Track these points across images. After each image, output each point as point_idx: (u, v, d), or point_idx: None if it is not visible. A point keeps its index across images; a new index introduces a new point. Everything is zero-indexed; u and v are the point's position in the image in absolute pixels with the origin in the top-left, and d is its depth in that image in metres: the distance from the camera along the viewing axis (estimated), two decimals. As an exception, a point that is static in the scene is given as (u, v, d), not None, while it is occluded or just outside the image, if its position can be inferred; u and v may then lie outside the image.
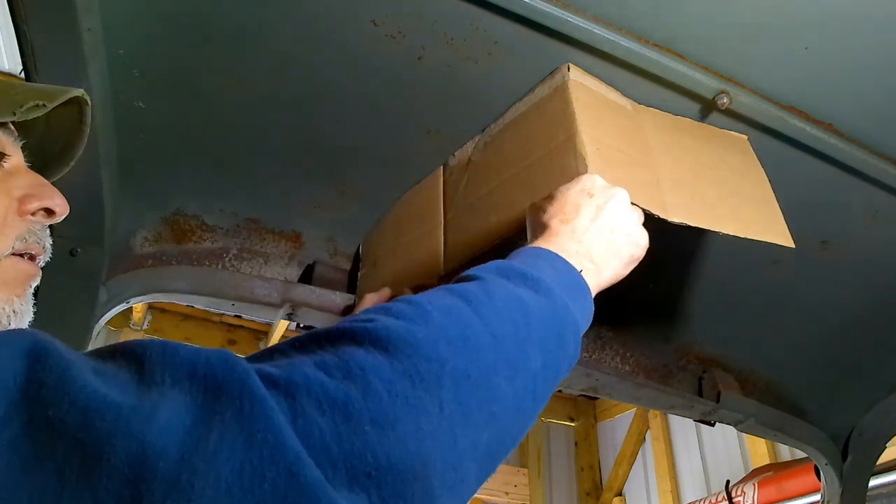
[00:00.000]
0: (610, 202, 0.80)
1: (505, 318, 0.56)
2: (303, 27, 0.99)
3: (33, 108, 0.65)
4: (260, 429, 0.39)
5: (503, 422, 0.51)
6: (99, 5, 0.87)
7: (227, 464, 0.37)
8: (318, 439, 0.41)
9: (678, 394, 1.57)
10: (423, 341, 0.49)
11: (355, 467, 0.41)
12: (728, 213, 0.99)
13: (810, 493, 3.49)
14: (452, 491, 0.46)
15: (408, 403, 0.44)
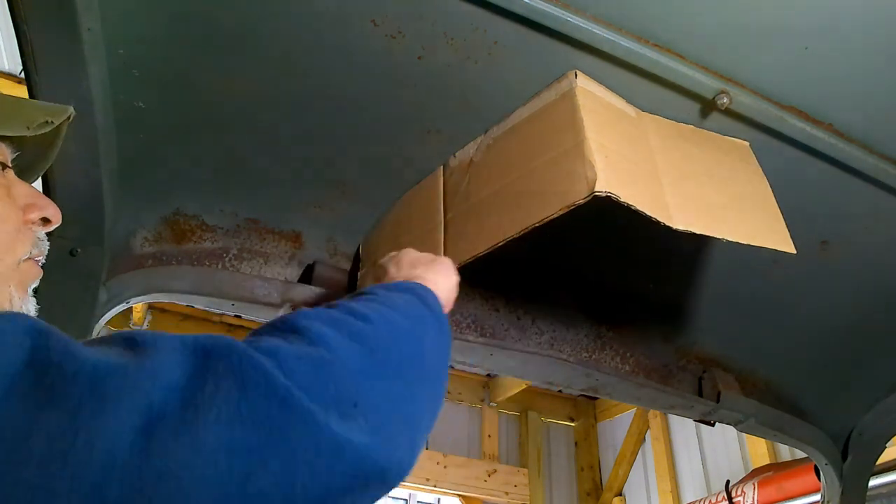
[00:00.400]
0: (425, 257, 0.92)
1: (399, 305, 0.70)
2: (303, 27, 0.99)
3: (43, 125, 0.71)
4: (250, 373, 0.45)
5: (427, 370, 0.65)
6: (99, 5, 0.87)
7: (225, 403, 0.43)
8: (303, 381, 0.48)
9: (678, 394, 1.57)
10: (361, 325, 0.61)
11: (342, 402, 0.50)
12: (731, 219, 1.00)
13: (810, 493, 3.49)
14: (417, 425, 0.58)
15: (364, 358, 0.56)
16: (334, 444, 0.47)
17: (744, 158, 1.11)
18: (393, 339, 0.62)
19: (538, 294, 1.50)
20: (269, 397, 0.45)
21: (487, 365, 1.47)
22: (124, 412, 0.40)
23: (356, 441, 0.48)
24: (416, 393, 0.60)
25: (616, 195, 0.87)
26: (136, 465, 0.39)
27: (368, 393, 0.53)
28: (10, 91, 3.46)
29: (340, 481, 0.47)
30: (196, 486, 0.40)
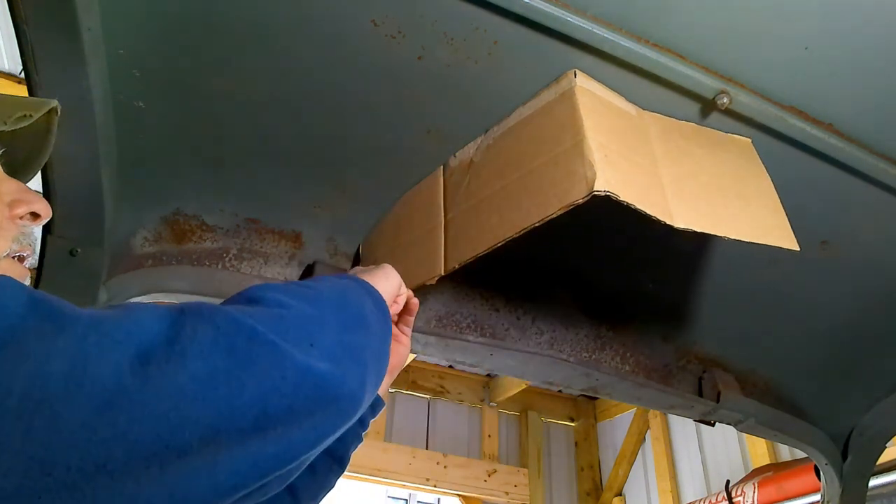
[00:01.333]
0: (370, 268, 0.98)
1: (335, 282, 0.78)
2: (303, 27, 0.99)
3: (21, 119, 0.71)
4: (221, 319, 0.54)
5: (369, 329, 0.72)
6: (99, 5, 0.87)
7: (204, 338, 0.51)
8: (266, 325, 0.56)
9: (678, 394, 1.57)
10: (304, 289, 0.69)
11: (301, 342, 0.58)
12: (733, 217, 0.99)
13: (810, 493, 3.49)
14: (365, 365, 0.66)
15: (315, 311, 0.64)
16: (298, 369, 0.55)
17: (746, 155, 1.11)
18: (338, 303, 0.70)
19: (538, 294, 1.50)
20: (238, 333, 0.53)
21: (487, 365, 1.47)
22: (121, 345, 0.47)
23: (316, 367, 0.57)
24: (362, 344, 0.68)
25: (615, 194, 0.87)
26: (139, 387, 0.46)
27: (322, 337, 0.61)
28: (10, 91, 3.46)
29: (304, 403, 0.55)
30: (188, 406, 0.48)
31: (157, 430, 0.46)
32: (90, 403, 0.44)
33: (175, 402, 0.47)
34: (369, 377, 0.67)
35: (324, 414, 0.57)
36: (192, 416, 0.48)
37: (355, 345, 0.66)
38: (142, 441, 0.45)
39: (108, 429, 0.44)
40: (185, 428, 0.47)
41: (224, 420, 0.49)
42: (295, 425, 0.54)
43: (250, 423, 0.51)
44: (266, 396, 0.52)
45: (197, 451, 0.48)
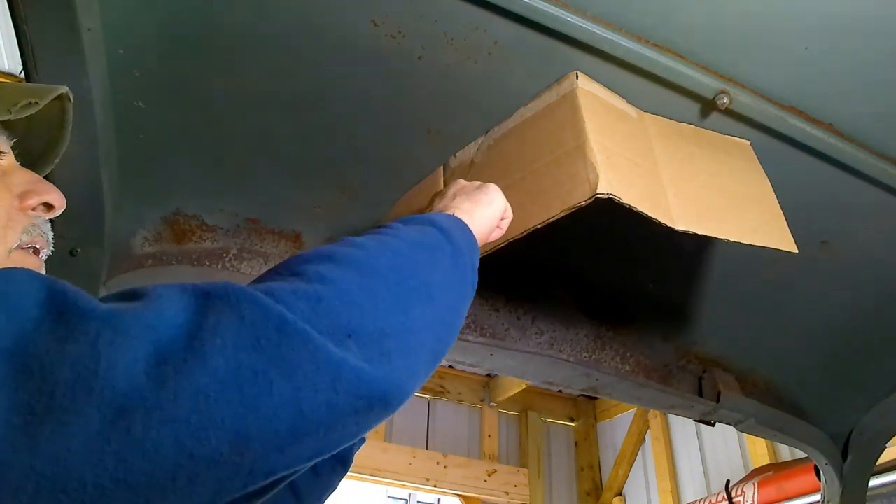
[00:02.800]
0: (472, 185, 0.92)
1: (410, 235, 0.72)
2: (303, 27, 0.99)
3: (27, 106, 0.68)
4: (247, 306, 0.48)
5: (435, 301, 0.65)
6: (99, 5, 0.87)
7: (227, 331, 0.46)
8: (298, 312, 0.51)
9: (678, 394, 1.57)
10: (357, 251, 0.63)
11: (337, 332, 0.52)
12: (732, 219, 1.00)
13: (810, 493, 3.49)
14: (416, 352, 0.59)
15: (361, 287, 0.57)
16: (333, 363, 0.49)
17: (745, 158, 1.11)
18: (398, 271, 0.63)
19: (538, 294, 1.50)
20: (266, 324, 0.48)
21: (487, 365, 1.47)
22: (137, 343, 0.43)
23: (351, 363, 0.51)
24: (416, 322, 0.60)
25: (618, 197, 0.87)
26: (154, 391, 0.42)
27: (364, 324, 0.54)
28: (10, 91, 3.45)
29: (345, 401, 0.49)
30: (211, 409, 0.43)
31: (177, 436, 0.42)
32: (101, 411, 0.40)
33: (196, 406, 0.43)
34: (421, 365, 0.60)
35: (367, 412, 0.52)
36: (217, 419, 0.43)
37: (406, 328, 0.59)
38: (162, 450, 0.41)
39: (122, 438, 0.40)
40: (209, 433, 0.43)
41: (254, 423, 0.44)
42: (336, 425, 0.50)
43: (286, 425, 0.46)
44: (299, 395, 0.47)
45: (228, 458, 0.43)
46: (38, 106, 0.69)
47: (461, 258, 0.74)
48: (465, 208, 0.85)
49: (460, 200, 0.87)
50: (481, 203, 0.87)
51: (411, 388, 0.58)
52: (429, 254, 0.69)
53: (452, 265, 0.71)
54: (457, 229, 0.78)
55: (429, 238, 0.72)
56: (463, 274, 0.73)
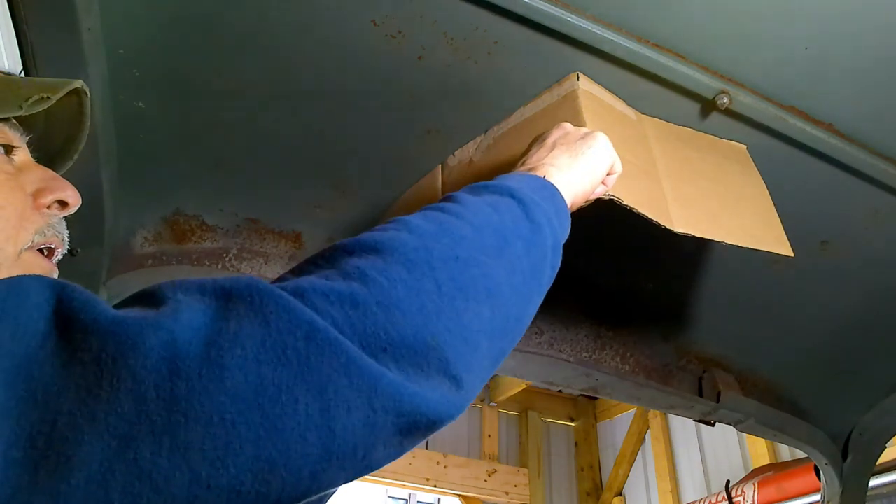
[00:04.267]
0: (576, 132, 0.84)
1: (479, 212, 0.62)
2: (303, 27, 0.99)
3: (39, 101, 0.66)
4: (273, 310, 0.42)
5: (500, 297, 0.56)
6: (99, 5, 0.87)
7: (250, 340, 0.41)
8: (331, 321, 0.44)
9: (678, 394, 1.57)
10: (409, 238, 0.55)
11: (371, 345, 0.45)
12: (729, 222, 1.00)
13: (810, 493, 3.49)
14: (468, 361, 0.50)
15: (407, 286, 0.49)
16: (368, 378, 0.43)
17: (741, 162, 1.12)
18: (449, 259, 0.53)
19: (538, 294, 1.50)
20: (293, 331, 0.42)
21: (487, 365, 1.47)
22: (146, 357, 0.39)
23: (391, 377, 0.44)
24: (471, 325, 0.51)
25: (619, 198, 0.87)
26: (163, 413, 0.37)
27: (404, 333, 0.47)
28: (10, 91, 3.45)
29: (384, 420, 0.43)
30: (228, 433, 0.38)
31: (191, 465, 0.37)
32: (104, 440, 0.36)
33: (211, 430, 0.38)
34: (475, 375, 0.52)
35: (405, 434, 0.46)
36: (235, 444, 0.38)
37: (459, 335, 0.50)
38: (174, 482, 0.36)
39: (129, 469, 0.36)
40: (227, 461, 0.38)
41: (280, 447, 0.39)
42: (376, 444, 0.44)
43: (317, 448, 0.40)
44: (330, 414, 0.41)
45: (251, 488, 0.38)
46: (50, 101, 0.67)
47: (540, 238, 0.64)
48: (563, 163, 0.77)
49: (559, 153, 0.78)
50: (583, 157, 0.78)
51: (463, 403, 0.50)
52: (499, 238, 0.59)
53: (527, 249, 0.62)
54: (543, 198, 0.69)
55: (502, 215, 0.62)
56: (541, 257, 0.64)
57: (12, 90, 0.67)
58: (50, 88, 0.67)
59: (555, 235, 0.68)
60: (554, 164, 0.77)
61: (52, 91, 0.67)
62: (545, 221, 0.66)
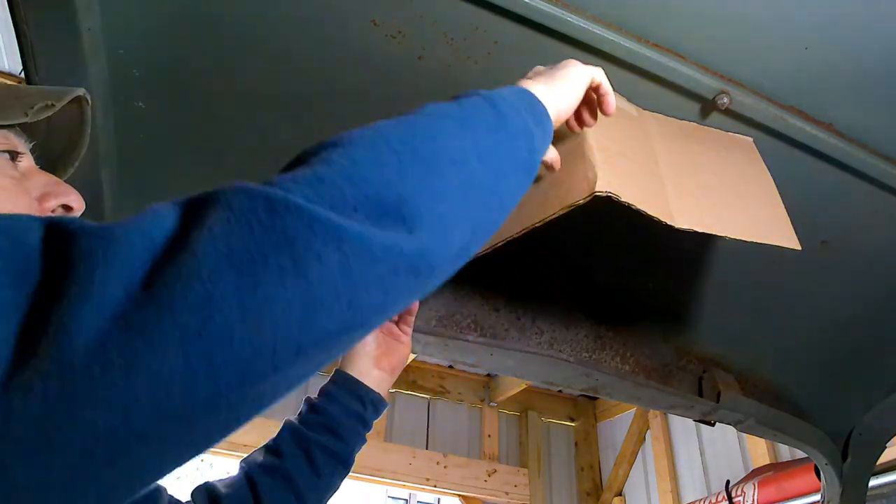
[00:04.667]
0: (547, 67, 0.85)
1: (438, 106, 0.65)
2: (303, 27, 0.99)
3: (44, 109, 0.68)
4: (235, 198, 0.44)
5: (466, 164, 0.58)
6: (99, 5, 0.87)
7: (217, 224, 0.42)
8: (300, 196, 0.45)
9: (678, 394, 1.57)
10: (367, 130, 0.56)
11: (340, 207, 0.46)
12: (734, 216, 0.99)
13: (810, 493, 3.49)
14: (438, 214, 0.52)
15: (368, 160, 0.51)
16: (334, 230, 0.44)
17: (747, 154, 1.11)
18: (408, 139, 0.56)
19: (538, 294, 1.50)
20: (255, 207, 0.43)
21: (487, 365, 1.47)
22: (131, 244, 0.40)
23: (358, 228, 0.46)
24: (439, 188, 0.54)
25: (617, 195, 0.86)
26: (148, 286, 0.39)
27: (371, 194, 0.48)
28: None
29: (359, 265, 0.44)
30: (208, 288, 0.39)
31: (176, 319, 0.38)
32: (98, 317, 0.37)
33: (191, 292, 0.39)
34: (455, 230, 0.54)
35: (387, 278, 0.46)
36: (218, 299, 0.39)
37: (428, 194, 0.52)
38: (169, 357, 0.37)
39: (123, 334, 0.37)
40: (214, 316, 0.39)
41: (262, 297, 0.40)
42: (356, 290, 0.44)
43: (298, 294, 0.41)
44: (302, 269, 0.42)
45: (245, 343, 0.39)
46: (54, 108, 0.69)
47: (506, 122, 0.65)
48: (539, 82, 0.78)
49: (537, 79, 0.79)
50: (559, 78, 0.80)
51: (443, 252, 0.51)
52: (457, 122, 0.62)
53: (490, 129, 0.63)
54: (514, 96, 0.69)
55: (464, 106, 0.64)
56: (508, 140, 0.64)
57: (18, 98, 0.69)
58: (54, 96, 0.70)
59: (528, 125, 0.68)
60: (528, 84, 0.77)
61: (57, 99, 0.69)
62: (514, 112, 0.67)
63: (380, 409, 1.10)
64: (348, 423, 1.04)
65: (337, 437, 1.02)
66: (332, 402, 1.05)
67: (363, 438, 1.07)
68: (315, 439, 1.01)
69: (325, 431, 1.02)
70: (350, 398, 1.06)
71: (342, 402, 1.05)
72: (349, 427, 1.04)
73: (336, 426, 1.03)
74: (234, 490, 0.97)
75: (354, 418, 1.05)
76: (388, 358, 1.12)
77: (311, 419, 1.04)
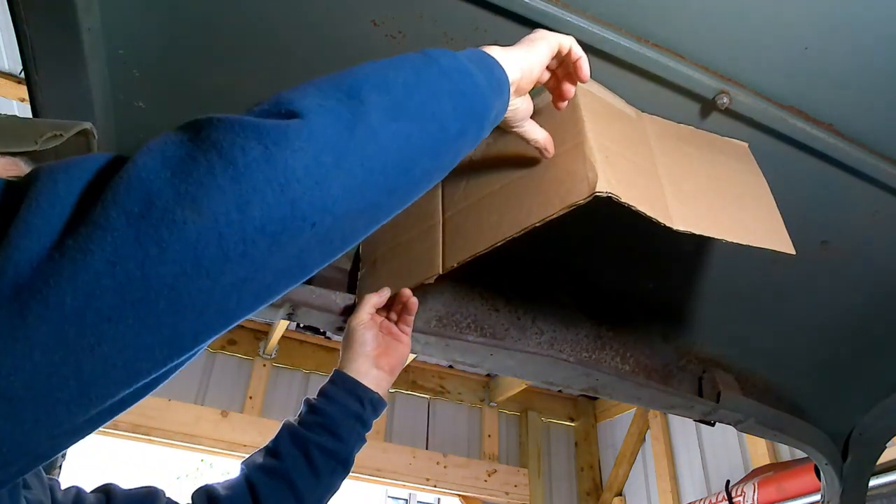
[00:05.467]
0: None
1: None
2: (303, 27, 0.99)
3: (52, 138, 0.73)
4: (170, 131, 0.49)
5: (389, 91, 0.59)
6: (99, 5, 0.87)
7: (155, 143, 0.47)
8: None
9: (678, 394, 1.57)
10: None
11: (260, 115, 0.53)
12: (730, 220, 1.00)
13: (810, 493, 3.49)
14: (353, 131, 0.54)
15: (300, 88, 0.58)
16: (263, 128, 0.49)
17: (743, 159, 1.12)
18: (338, 75, 0.60)
19: (538, 294, 1.50)
20: (188, 125, 0.49)
21: (487, 365, 1.47)
22: (120, 192, 0.43)
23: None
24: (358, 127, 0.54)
25: (617, 196, 0.87)
26: (83, 204, 0.42)
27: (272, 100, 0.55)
28: (10, 91, 3.46)
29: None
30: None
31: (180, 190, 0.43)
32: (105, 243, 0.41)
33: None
34: (357, 171, 0.53)
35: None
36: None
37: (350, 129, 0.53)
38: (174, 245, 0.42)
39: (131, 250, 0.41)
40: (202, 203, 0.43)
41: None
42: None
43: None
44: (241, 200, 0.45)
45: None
46: (62, 138, 0.74)
47: (437, 61, 0.63)
48: (497, 48, 0.75)
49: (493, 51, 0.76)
50: (520, 42, 0.79)
51: (336, 201, 0.50)
52: (386, 64, 0.62)
53: (419, 67, 0.62)
54: (459, 54, 0.67)
55: (394, 58, 0.64)
56: (441, 74, 0.62)
57: (29, 128, 0.75)
58: (62, 127, 0.75)
59: (464, 69, 0.65)
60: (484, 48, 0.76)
61: (65, 130, 0.75)
62: (446, 58, 0.65)
63: (379, 409, 1.10)
64: (347, 423, 1.04)
65: (336, 438, 1.02)
66: (330, 403, 1.05)
67: (363, 438, 1.07)
68: (314, 440, 1.01)
69: (324, 432, 1.02)
70: (349, 398, 1.06)
71: (341, 402, 1.05)
72: (348, 427, 1.04)
73: (335, 426, 1.03)
74: (233, 492, 0.97)
75: (353, 418, 1.05)
76: (388, 358, 1.13)
77: (309, 420, 1.04)
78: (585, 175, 0.89)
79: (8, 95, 3.47)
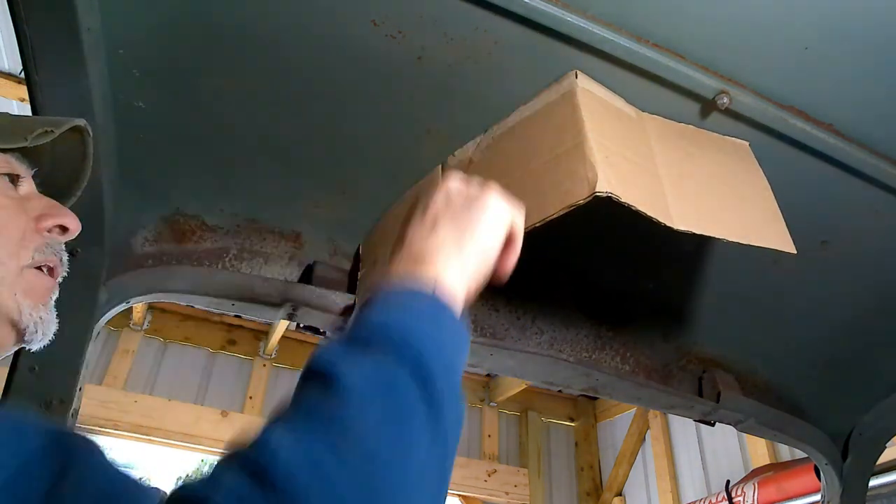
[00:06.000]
0: (459, 197, 0.73)
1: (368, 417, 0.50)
2: (303, 27, 0.99)
3: (42, 134, 0.72)
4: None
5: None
6: (99, 5, 0.87)
7: None
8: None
9: (678, 394, 1.57)
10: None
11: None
12: (731, 219, 1.00)
13: (810, 493, 3.49)
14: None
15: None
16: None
17: (744, 158, 1.11)
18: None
19: (538, 294, 1.50)
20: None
21: (487, 365, 1.47)
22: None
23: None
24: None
25: (617, 196, 0.87)
26: None
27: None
28: (10, 91, 3.46)
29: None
30: None
31: None
32: None
33: None
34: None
35: None
36: None
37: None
38: None
39: None
40: None
41: None
42: None
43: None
44: None
45: None
46: (53, 134, 0.73)
47: (441, 415, 0.52)
48: (450, 251, 0.67)
49: (444, 234, 0.68)
50: (472, 234, 0.68)
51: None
52: (396, 444, 0.48)
53: (432, 440, 0.50)
54: (444, 345, 0.57)
55: (397, 408, 0.50)
56: (443, 447, 0.51)
57: (20, 125, 0.74)
58: (53, 123, 0.74)
59: (458, 420, 0.55)
60: (440, 251, 0.66)
61: (55, 126, 0.74)
62: (446, 385, 0.54)
63: None
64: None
65: None
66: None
67: None
68: None
69: None
70: None
71: None
72: None
73: None
74: None
75: None
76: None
77: None
78: (585, 175, 0.89)
79: (8, 95, 3.47)
